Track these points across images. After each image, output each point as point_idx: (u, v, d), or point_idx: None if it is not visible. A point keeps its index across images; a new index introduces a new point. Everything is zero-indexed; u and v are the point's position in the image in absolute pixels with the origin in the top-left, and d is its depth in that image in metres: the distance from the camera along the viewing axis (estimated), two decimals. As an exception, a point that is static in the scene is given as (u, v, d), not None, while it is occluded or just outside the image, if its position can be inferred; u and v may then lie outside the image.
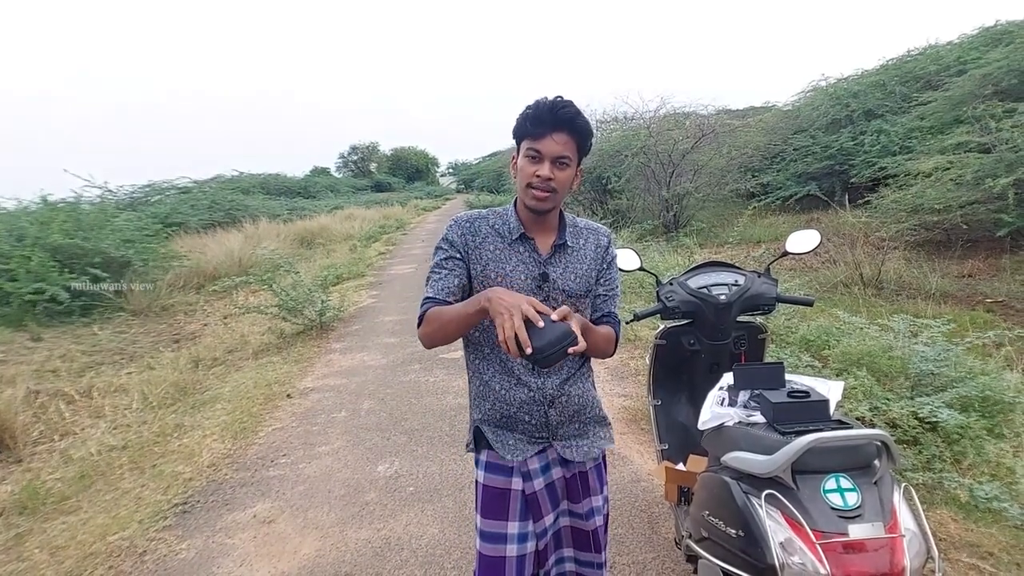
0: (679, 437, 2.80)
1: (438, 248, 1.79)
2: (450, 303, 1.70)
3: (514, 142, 1.75)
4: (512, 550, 1.75)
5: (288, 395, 5.76)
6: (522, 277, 1.73)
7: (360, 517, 3.56)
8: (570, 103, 1.64)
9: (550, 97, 1.65)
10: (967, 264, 8.51)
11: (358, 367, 6.51)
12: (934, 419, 3.42)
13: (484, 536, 1.79)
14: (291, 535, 3.42)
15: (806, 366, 4.34)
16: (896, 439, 3.41)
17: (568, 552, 1.90)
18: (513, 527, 1.76)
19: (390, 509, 3.62)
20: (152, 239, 11.74)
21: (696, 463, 2.45)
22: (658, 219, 13.68)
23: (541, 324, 1.37)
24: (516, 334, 1.35)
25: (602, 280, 1.86)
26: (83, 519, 3.72)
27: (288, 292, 8.07)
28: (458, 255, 1.75)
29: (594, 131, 1.75)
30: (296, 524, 3.53)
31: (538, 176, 1.64)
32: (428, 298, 1.72)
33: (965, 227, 8.54)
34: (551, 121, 1.62)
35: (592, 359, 1.90)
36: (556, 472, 1.81)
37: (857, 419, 3.54)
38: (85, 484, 4.21)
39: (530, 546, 1.77)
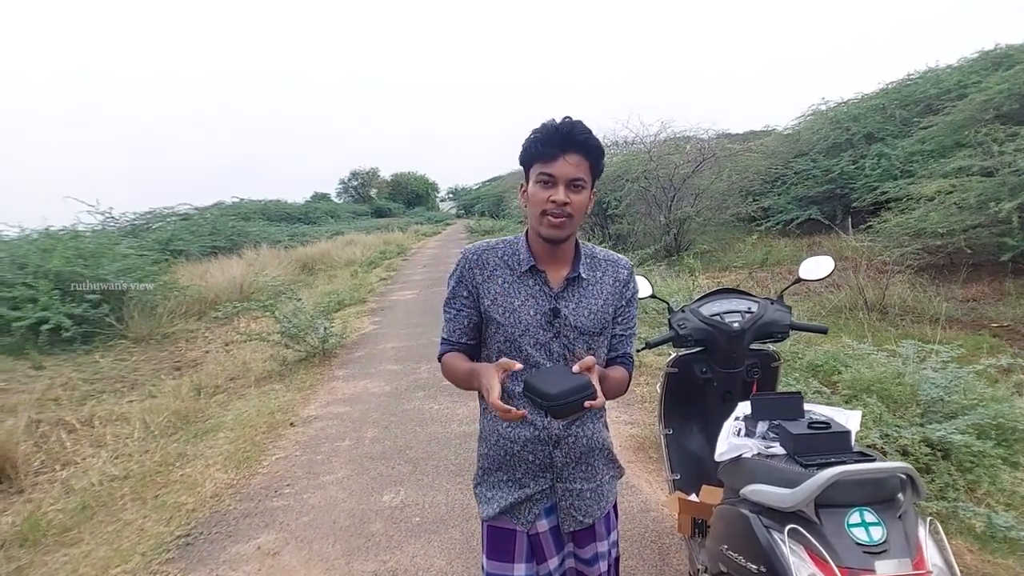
0: (691, 467, 2.76)
1: (449, 282, 1.75)
2: (463, 343, 1.74)
3: (522, 170, 1.67)
4: None
5: (291, 423, 5.71)
6: (531, 312, 1.64)
7: (366, 549, 3.50)
8: (579, 122, 1.57)
9: (557, 119, 1.58)
10: (971, 288, 8.49)
11: (361, 394, 6.47)
12: (947, 446, 3.38)
13: None
14: (296, 568, 3.36)
15: (815, 392, 4.30)
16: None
17: None
18: (520, 569, 1.73)
19: (396, 540, 3.57)
20: (153, 268, 11.74)
21: (710, 494, 2.41)
22: (659, 243, 13.69)
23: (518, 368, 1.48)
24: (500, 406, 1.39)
25: (620, 319, 1.77)
26: (85, 551, 3.67)
27: (290, 319, 8.05)
28: (465, 292, 1.71)
29: (604, 151, 1.66)
30: (301, 556, 3.47)
31: (553, 201, 1.55)
32: (444, 339, 1.73)
33: (969, 251, 8.53)
34: (561, 142, 1.54)
35: None
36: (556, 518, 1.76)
37: (869, 447, 3.50)
38: (87, 515, 4.15)
39: None
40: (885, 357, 4.61)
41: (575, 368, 1.43)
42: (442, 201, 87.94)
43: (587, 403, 1.37)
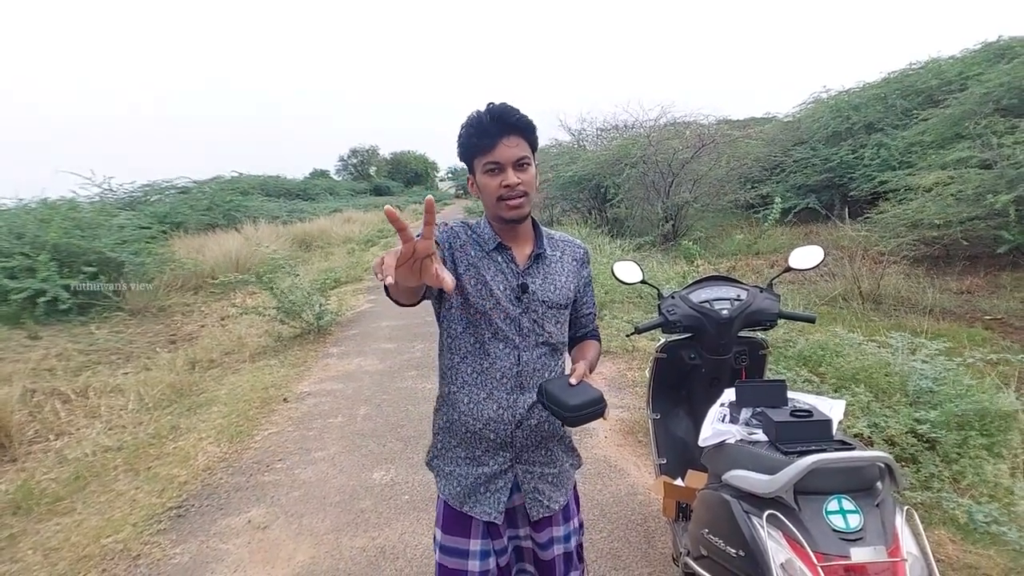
0: (678, 452, 2.79)
1: None
2: None
3: (465, 166, 1.73)
4: (475, 566, 1.73)
5: (285, 399, 5.75)
6: (501, 287, 1.68)
7: (355, 525, 3.54)
8: (504, 104, 1.61)
9: (482, 108, 1.62)
10: (966, 280, 8.53)
11: (355, 372, 6.50)
12: (933, 435, 3.42)
13: (444, 550, 1.77)
14: (285, 542, 3.40)
15: (804, 381, 4.33)
16: (894, 456, 3.40)
17: (530, 568, 1.89)
18: (475, 544, 1.75)
19: (385, 517, 3.61)
20: (150, 242, 11.71)
21: (695, 479, 2.44)
22: (657, 229, 13.68)
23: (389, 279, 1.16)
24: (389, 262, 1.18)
25: (584, 299, 1.90)
26: (77, 520, 3.70)
27: (286, 295, 8.07)
28: (444, 250, 1.69)
29: (536, 126, 1.69)
30: (291, 530, 3.51)
31: (506, 186, 1.60)
32: None
33: (965, 243, 8.55)
34: (496, 129, 1.58)
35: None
36: (517, 498, 1.78)
37: (855, 436, 3.53)
38: (80, 485, 4.18)
39: (492, 562, 1.75)
40: (875, 347, 4.64)
41: (572, 380, 1.54)
42: (441, 181, 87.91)
43: (602, 416, 1.51)
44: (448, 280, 1.20)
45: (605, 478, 3.92)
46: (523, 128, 1.62)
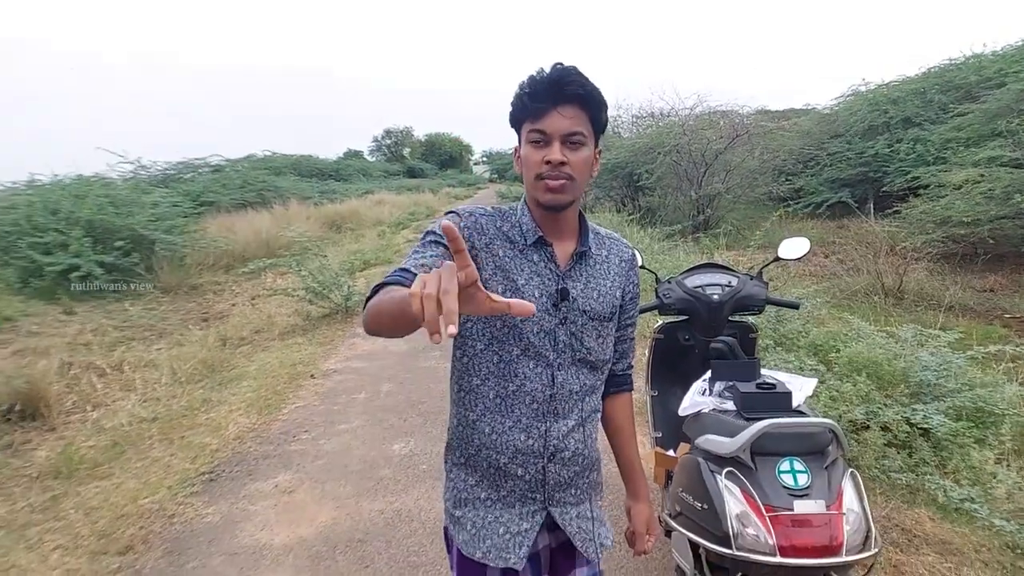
0: (673, 426, 2.94)
1: (428, 233, 1.36)
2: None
3: (514, 133, 1.44)
4: None
5: (312, 375, 6.00)
6: (536, 293, 1.39)
7: (375, 491, 3.78)
8: (572, 68, 1.32)
9: (548, 68, 1.34)
10: (990, 279, 8.54)
11: (380, 351, 6.73)
12: (926, 425, 3.54)
13: None
14: (309, 504, 3.65)
15: (810, 369, 4.43)
16: (887, 442, 3.55)
17: None
18: None
19: (403, 485, 3.84)
20: (184, 219, 11.89)
21: (685, 450, 2.62)
22: (688, 219, 13.72)
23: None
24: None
25: (629, 313, 1.58)
26: (115, 484, 3.95)
27: (315, 276, 8.30)
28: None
29: (607, 102, 1.40)
30: (314, 495, 3.76)
31: (548, 162, 1.32)
32: (401, 269, 1.24)
33: (992, 241, 8.56)
34: (553, 93, 1.30)
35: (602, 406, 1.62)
36: (542, 540, 1.52)
37: (850, 422, 3.68)
38: (117, 452, 4.44)
39: None
40: (883, 338, 4.74)
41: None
42: (475, 164, 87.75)
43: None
44: (517, 305, 0.92)
45: (610, 452, 4.08)
46: (586, 100, 1.32)
